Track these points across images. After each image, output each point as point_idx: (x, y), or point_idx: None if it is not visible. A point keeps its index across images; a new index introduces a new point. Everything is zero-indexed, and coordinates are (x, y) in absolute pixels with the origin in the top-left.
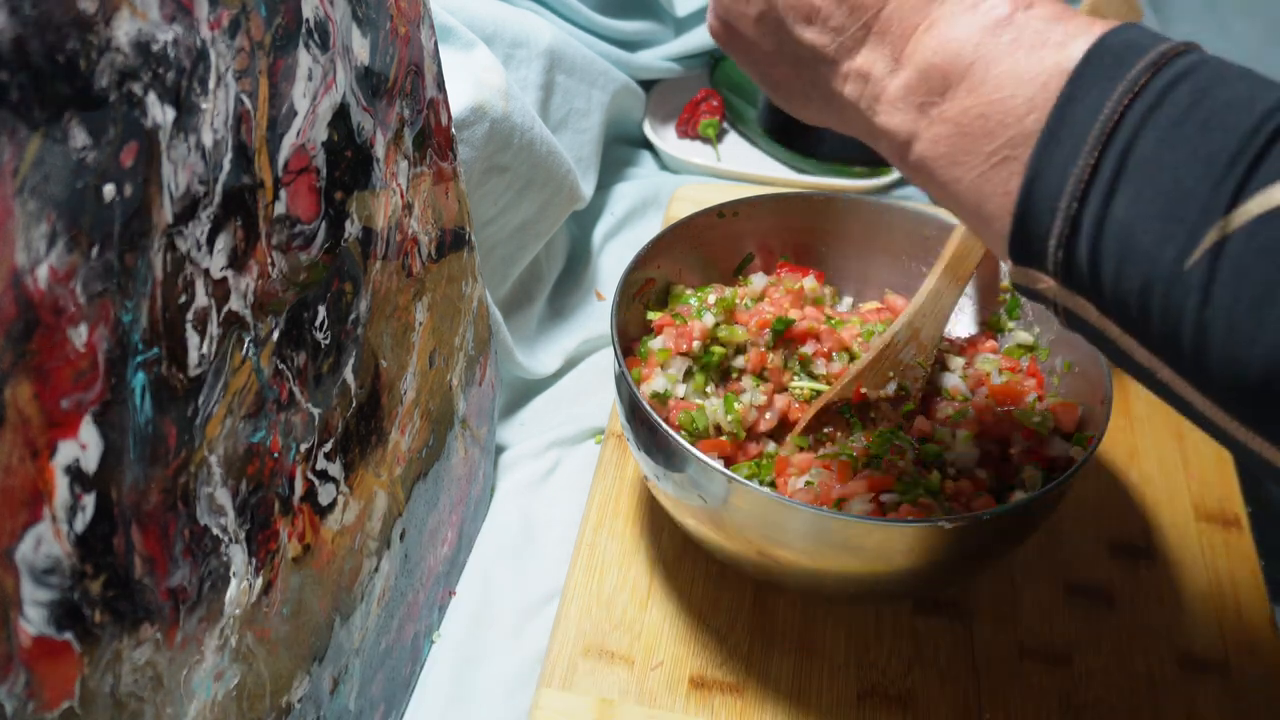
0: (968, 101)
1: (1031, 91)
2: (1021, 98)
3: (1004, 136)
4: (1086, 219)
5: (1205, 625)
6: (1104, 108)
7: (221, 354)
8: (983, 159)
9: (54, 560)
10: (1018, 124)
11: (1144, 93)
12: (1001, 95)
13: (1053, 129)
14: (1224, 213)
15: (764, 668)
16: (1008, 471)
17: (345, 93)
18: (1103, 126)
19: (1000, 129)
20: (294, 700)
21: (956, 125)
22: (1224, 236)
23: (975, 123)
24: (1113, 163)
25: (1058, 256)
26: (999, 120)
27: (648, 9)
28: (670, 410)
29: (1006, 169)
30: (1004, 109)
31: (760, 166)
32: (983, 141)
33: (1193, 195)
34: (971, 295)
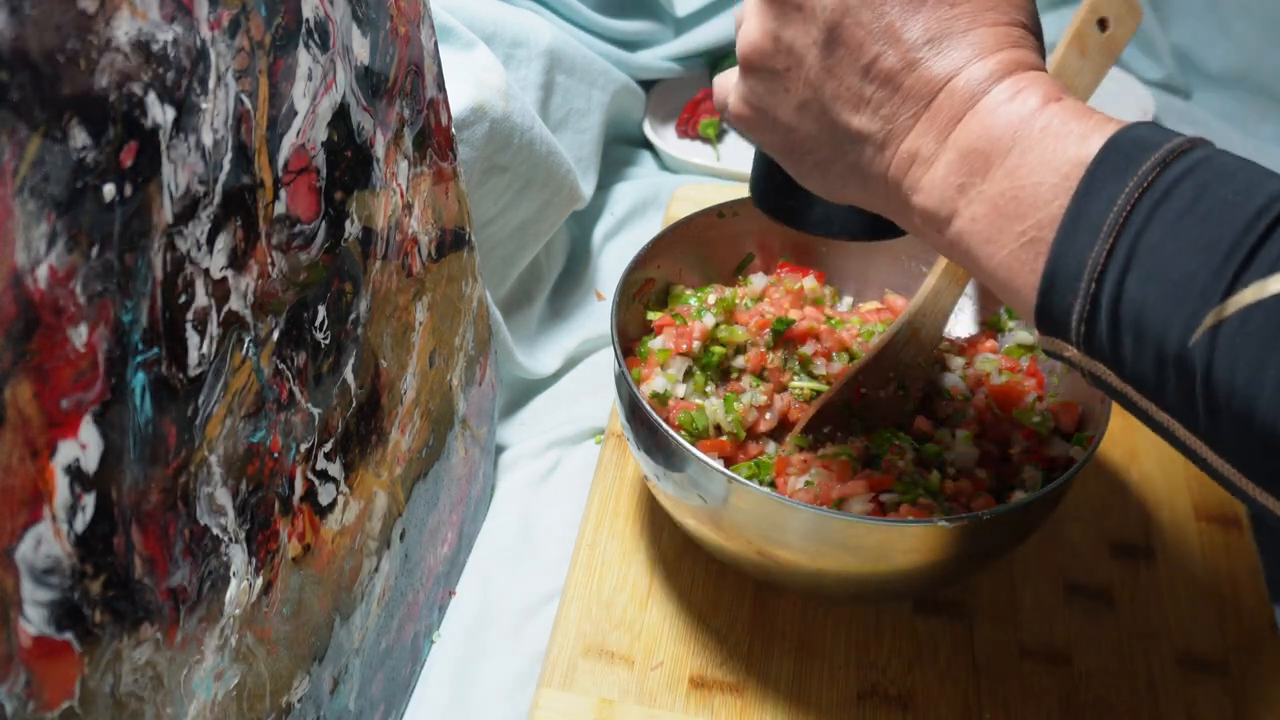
0: (1005, 184)
1: (1056, 179)
2: (1048, 184)
3: (1033, 219)
4: (1104, 298)
5: (1205, 625)
6: (1117, 200)
7: (221, 354)
8: (1014, 238)
9: (54, 560)
10: (1045, 208)
11: (1152, 188)
12: (1033, 180)
13: (1073, 216)
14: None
15: (764, 668)
16: (1008, 471)
17: (345, 93)
18: (1115, 217)
19: (1030, 211)
20: (294, 700)
21: (993, 205)
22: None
23: (1009, 204)
24: (1125, 249)
25: (1080, 330)
26: (1029, 203)
27: (648, 9)
28: (670, 410)
29: (1034, 249)
30: (1034, 193)
31: None
32: (1015, 222)
33: (1194, 281)
34: (971, 295)
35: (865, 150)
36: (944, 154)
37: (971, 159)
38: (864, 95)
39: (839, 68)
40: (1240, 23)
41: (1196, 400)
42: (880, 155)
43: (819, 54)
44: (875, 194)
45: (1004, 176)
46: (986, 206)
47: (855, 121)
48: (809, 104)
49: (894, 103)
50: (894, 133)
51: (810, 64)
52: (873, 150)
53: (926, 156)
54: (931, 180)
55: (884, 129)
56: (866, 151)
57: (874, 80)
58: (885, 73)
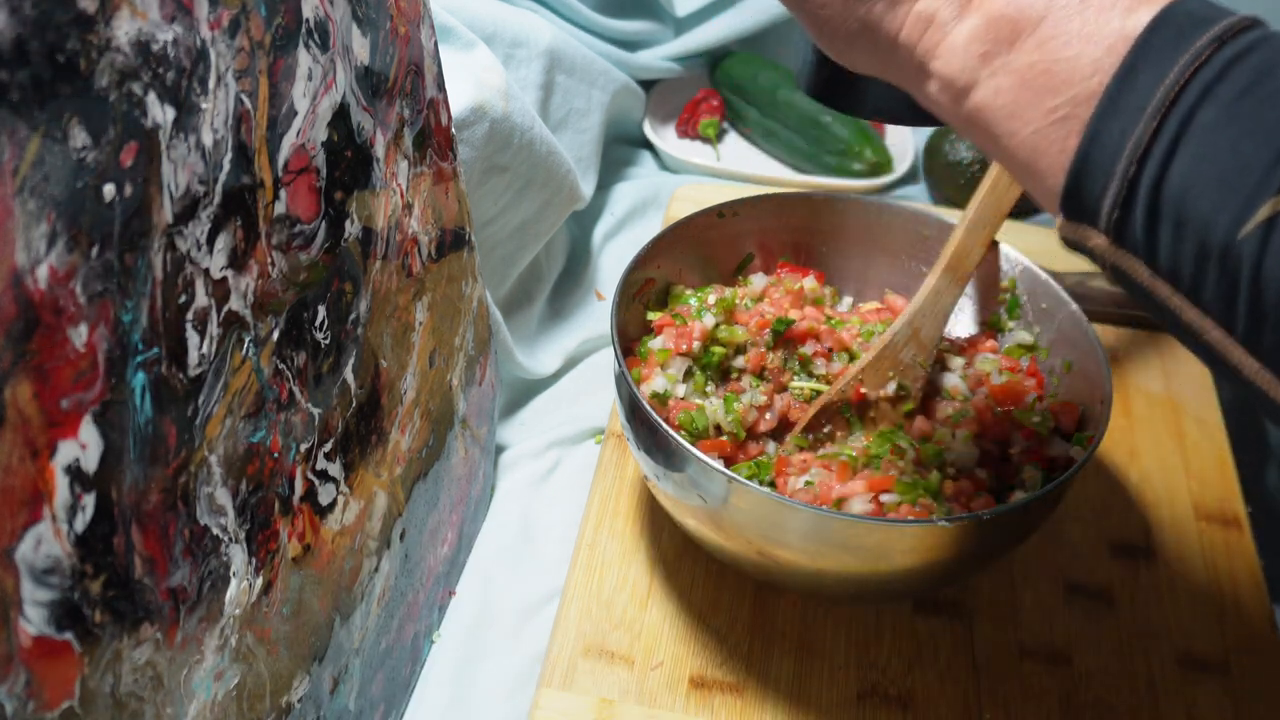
0: (1034, 56)
1: (1097, 53)
2: (1087, 58)
3: (1067, 94)
4: (1143, 182)
5: (1205, 625)
6: (1167, 77)
7: (221, 354)
8: (1042, 114)
9: (54, 560)
10: (1081, 84)
11: (1207, 65)
12: (1069, 54)
13: (1115, 93)
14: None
15: (764, 668)
16: (1008, 471)
17: (345, 93)
18: (1165, 95)
19: (1064, 86)
20: (294, 700)
21: (1020, 78)
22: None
23: (1039, 78)
24: (1172, 130)
25: (1112, 217)
26: (1063, 78)
27: (648, 9)
28: (670, 410)
29: (1065, 127)
30: (1070, 67)
31: (760, 166)
32: (1045, 97)
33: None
34: (971, 295)
35: (875, 7)
36: (966, 19)
37: (998, 26)
38: None
39: None
40: None
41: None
42: (891, 13)
43: None
44: (886, 58)
45: (1035, 47)
46: (1013, 78)
47: None
48: None
49: None
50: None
51: None
52: (883, 7)
53: (945, 20)
54: (951, 46)
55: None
56: (876, 8)
57: None
58: None
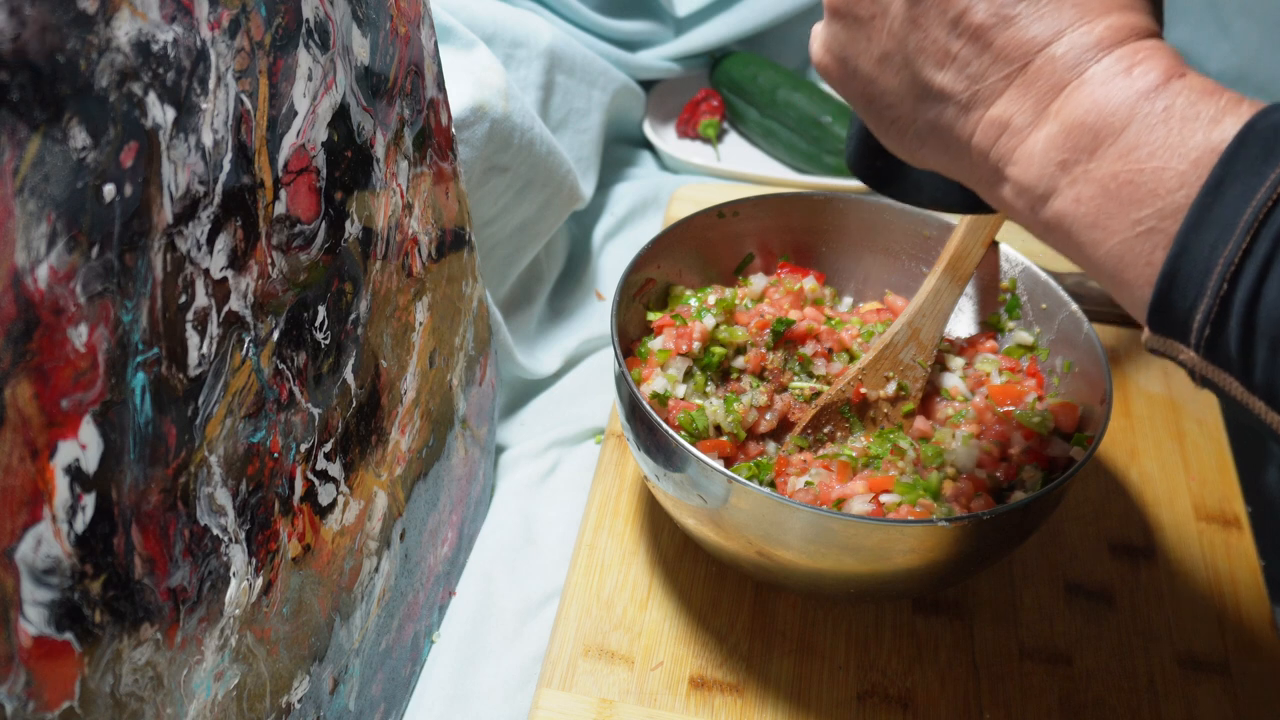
0: (1117, 166)
1: (1183, 166)
2: (1173, 170)
3: (1153, 207)
4: (1237, 301)
5: (1205, 625)
6: (1257, 193)
7: (221, 354)
8: (1128, 225)
9: (54, 560)
10: (1168, 197)
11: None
12: (1153, 165)
13: (1203, 208)
14: None
15: (764, 668)
16: (1008, 471)
17: (345, 93)
18: (1255, 212)
19: (1150, 199)
20: (294, 700)
21: (1103, 187)
22: None
23: (1124, 189)
24: (1265, 248)
25: (1203, 333)
26: (1149, 190)
27: (648, 9)
28: (670, 410)
29: (1151, 240)
30: (1155, 179)
31: (760, 166)
32: (1130, 209)
33: None
34: (971, 295)
35: (947, 111)
36: (1044, 126)
37: (1078, 134)
38: (950, 50)
39: (925, 19)
40: (1240, 23)
41: None
42: (965, 118)
43: (905, 2)
44: (957, 159)
45: (1117, 157)
46: (1094, 188)
47: (938, 78)
48: (891, 56)
49: (982, 61)
50: (980, 95)
51: (895, 13)
52: (955, 111)
53: (1021, 126)
54: (1028, 153)
55: (970, 89)
56: (948, 112)
57: (962, 35)
58: (975, 28)
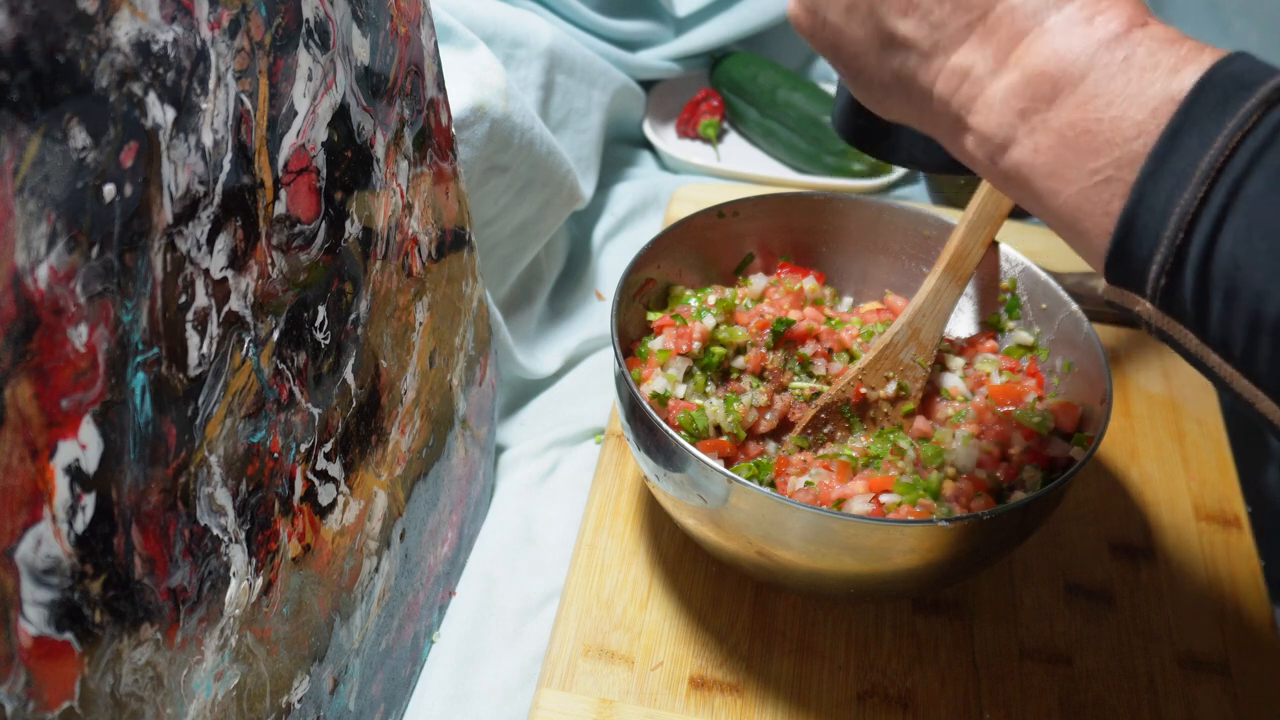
0: (1075, 115)
1: (1141, 115)
2: (1130, 120)
3: (1110, 156)
4: (1192, 250)
5: (1205, 625)
6: (1214, 143)
7: (221, 354)
8: (1085, 174)
9: (54, 560)
10: (1125, 145)
11: (1255, 130)
12: (1112, 114)
13: (1161, 156)
14: None
15: (764, 668)
16: (1008, 471)
17: (345, 93)
18: (1212, 161)
19: (1107, 147)
20: (294, 700)
21: (1060, 136)
22: None
23: (1081, 137)
24: (1221, 198)
25: (1159, 284)
26: (1106, 138)
27: (648, 9)
28: (670, 410)
29: (1109, 189)
30: (1113, 128)
31: (760, 166)
32: (1087, 157)
33: None
34: (971, 295)
35: (910, 59)
36: (1004, 74)
37: (1037, 82)
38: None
39: None
40: (1240, 23)
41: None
42: (926, 66)
43: None
44: (921, 110)
45: (1076, 106)
46: (1052, 137)
47: (901, 26)
48: (857, 5)
49: (943, 9)
50: (941, 43)
51: None
52: (917, 59)
53: (981, 75)
54: (988, 101)
55: (931, 37)
56: (911, 60)
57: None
58: None
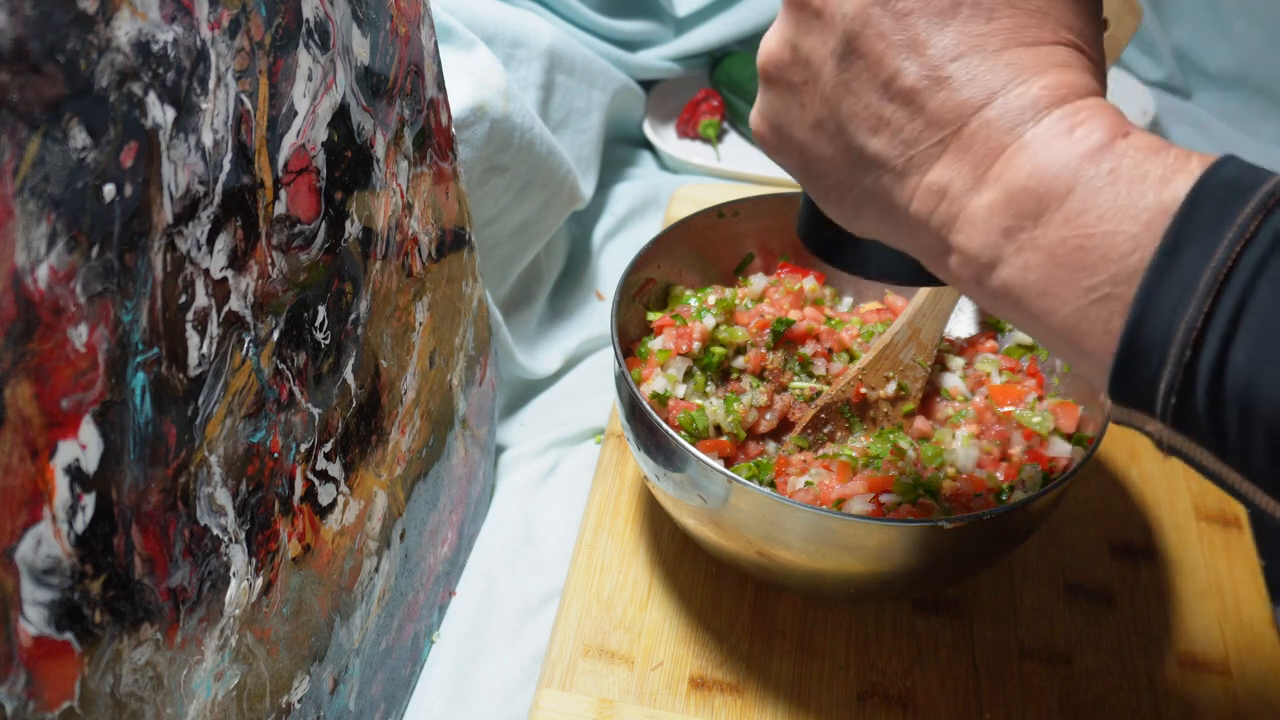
0: (1065, 231)
1: (1135, 229)
2: (1124, 234)
3: (1106, 273)
4: (1202, 367)
5: (1205, 625)
6: (1215, 254)
7: (221, 354)
8: (1081, 293)
9: (54, 560)
10: (1120, 261)
11: (1256, 239)
12: (1103, 229)
13: (1160, 271)
14: None
15: (764, 668)
16: (1008, 471)
17: (345, 93)
18: (1215, 273)
19: (1102, 264)
20: (294, 700)
21: (1051, 254)
22: None
23: (1073, 254)
24: (1228, 312)
25: (1169, 403)
26: (1100, 255)
27: (648, 9)
28: (670, 410)
29: (1107, 307)
30: (1106, 243)
31: (760, 166)
32: (1081, 275)
33: None
34: None
35: (883, 177)
36: (984, 191)
37: (1021, 200)
38: (882, 115)
39: (856, 83)
40: (1240, 23)
41: None
42: (900, 184)
43: (835, 66)
44: (897, 227)
45: (1064, 222)
46: (1042, 255)
47: (872, 144)
48: (824, 122)
49: (915, 125)
50: (915, 161)
51: (826, 78)
52: (891, 178)
53: (959, 193)
54: (970, 220)
55: (904, 154)
56: (884, 179)
57: (894, 99)
58: (906, 91)
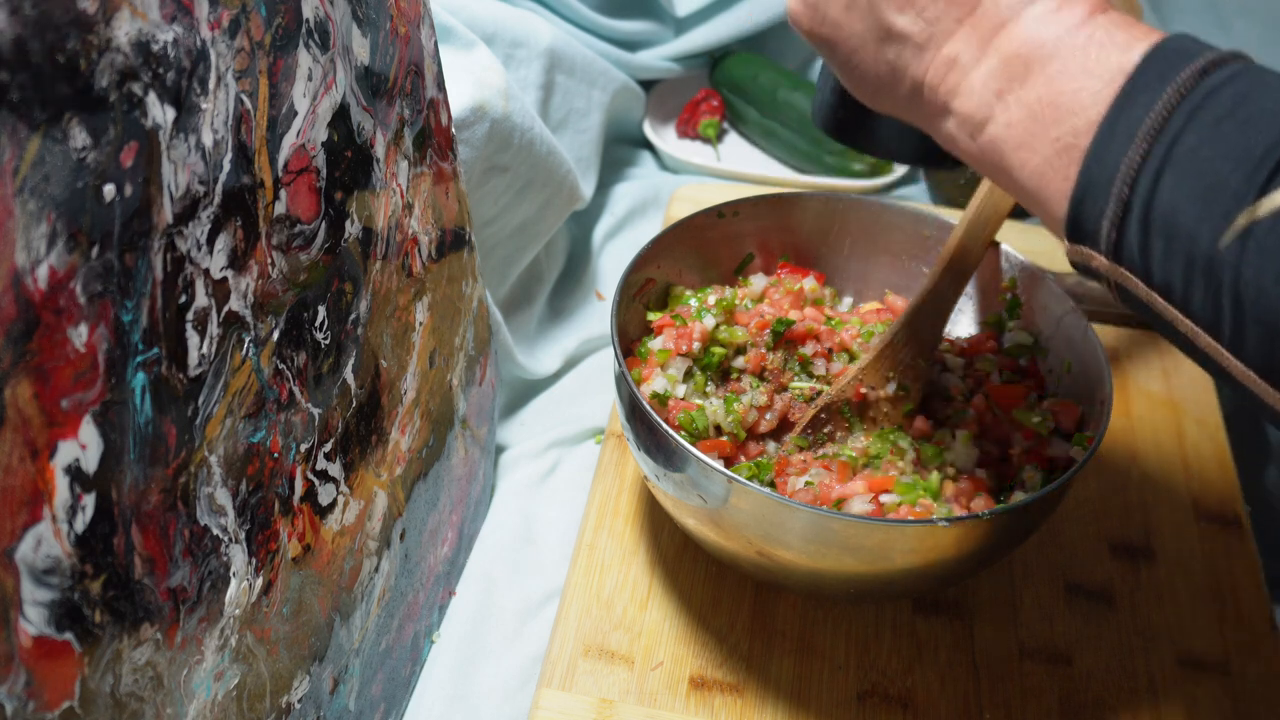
0: (1043, 90)
1: (1098, 86)
2: (1088, 91)
3: (1069, 124)
4: (1136, 203)
5: (1205, 625)
6: (1155, 105)
7: (221, 354)
8: (1048, 143)
9: (54, 560)
10: (1083, 113)
11: (1191, 94)
12: (1073, 87)
13: (1110, 121)
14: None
15: (764, 668)
16: (1008, 471)
17: (345, 93)
18: (1153, 122)
19: (1068, 116)
20: (294, 700)
21: (1029, 110)
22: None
23: (1046, 110)
24: (1160, 154)
25: (1110, 237)
26: (1067, 109)
27: (648, 9)
28: (670, 410)
29: (1069, 155)
30: (1073, 99)
31: (760, 166)
32: (1051, 127)
33: (1227, 185)
34: (971, 295)
35: (905, 52)
36: (985, 60)
37: (1012, 65)
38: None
39: None
40: (1240, 22)
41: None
42: (920, 57)
43: None
44: (910, 100)
45: (1044, 83)
46: (1023, 112)
47: (899, 21)
48: (857, 1)
49: (937, 5)
50: (935, 36)
51: None
52: (912, 51)
53: (966, 62)
54: (970, 85)
55: (926, 30)
56: (906, 53)
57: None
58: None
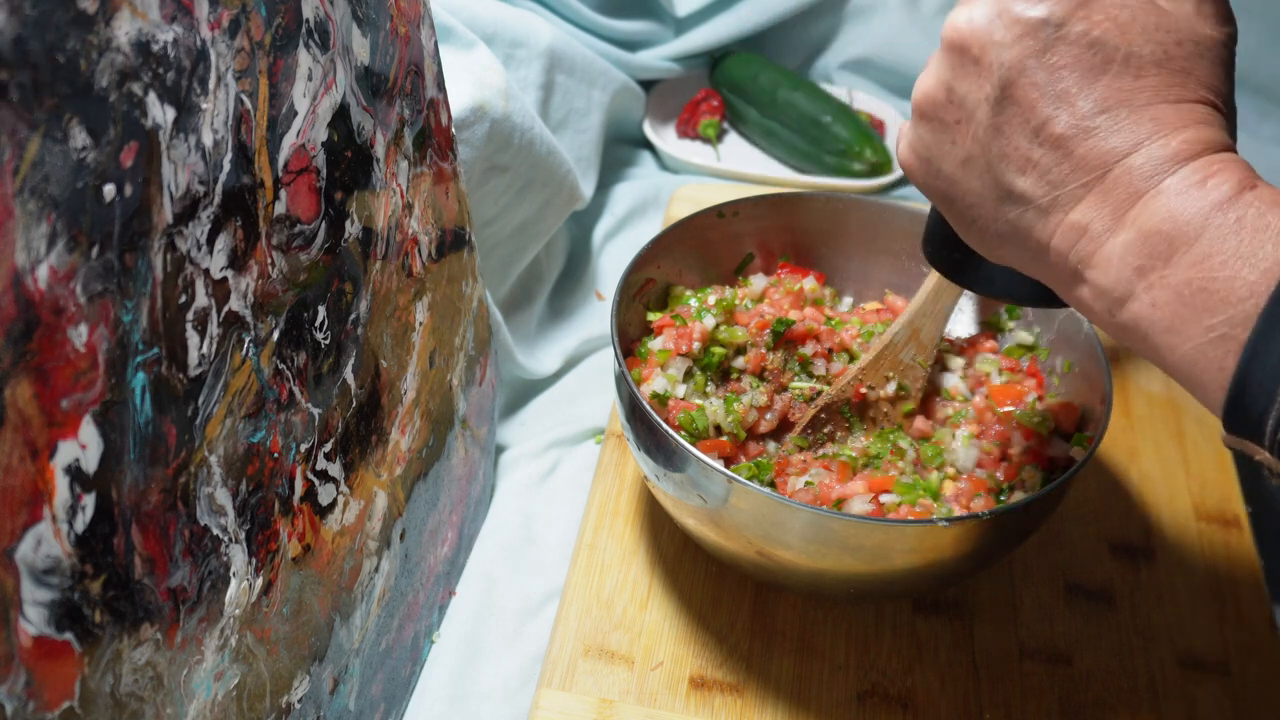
0: (1191, 273)
1: (1253, 276)
2: (1243, 280)
3: (1224, 314)
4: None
5: (1205, 625)
6: None
7: (221, 354)
8: (1200, 331)
9: (54, 560)
10: (1239, 305)
11: None
12: (1225, 274)
13: (1272, 317)
14: None
15: (764, 668)
16: (1008, 471)
17: (345, 93)
18: None
19: (1221, 306)
20: (294, 700)
21: (1177, 293)
22: None
23: (1197, 295)
24: None
25: (1276, 437)
26: (1221, 298)
27: (648, 9)
28: (670, 410)
29: (1224, 346)
30: (1227, 287)
31: (760, 166)
32: (1203, 315)
33: None
34: (971, 295)
35: (1027, 213)
36: (1121, 232)
37: (1153, 241)
38: (1031, 157)
39: (1008, 126)
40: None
41: None
42: (1044, 221)
43: (989, 110)
44: (1036, 259)
45: (1190, 265)
46: (1169, 294)
47: (1020, 183)
48: (974, 159)
49: (1062, 169)
50: (1059, 200)
51: (980, 119)
52: (1035, 214)
53: (1099, 232)
54: (1106, 257)
55: (1049, 195)
56: (1028, 215)
57: (1044, 144)
58: (1056, 137)
